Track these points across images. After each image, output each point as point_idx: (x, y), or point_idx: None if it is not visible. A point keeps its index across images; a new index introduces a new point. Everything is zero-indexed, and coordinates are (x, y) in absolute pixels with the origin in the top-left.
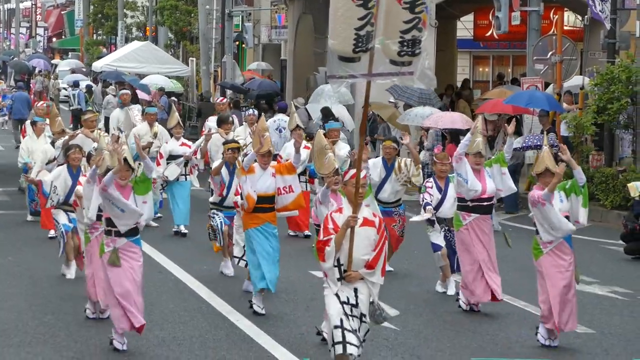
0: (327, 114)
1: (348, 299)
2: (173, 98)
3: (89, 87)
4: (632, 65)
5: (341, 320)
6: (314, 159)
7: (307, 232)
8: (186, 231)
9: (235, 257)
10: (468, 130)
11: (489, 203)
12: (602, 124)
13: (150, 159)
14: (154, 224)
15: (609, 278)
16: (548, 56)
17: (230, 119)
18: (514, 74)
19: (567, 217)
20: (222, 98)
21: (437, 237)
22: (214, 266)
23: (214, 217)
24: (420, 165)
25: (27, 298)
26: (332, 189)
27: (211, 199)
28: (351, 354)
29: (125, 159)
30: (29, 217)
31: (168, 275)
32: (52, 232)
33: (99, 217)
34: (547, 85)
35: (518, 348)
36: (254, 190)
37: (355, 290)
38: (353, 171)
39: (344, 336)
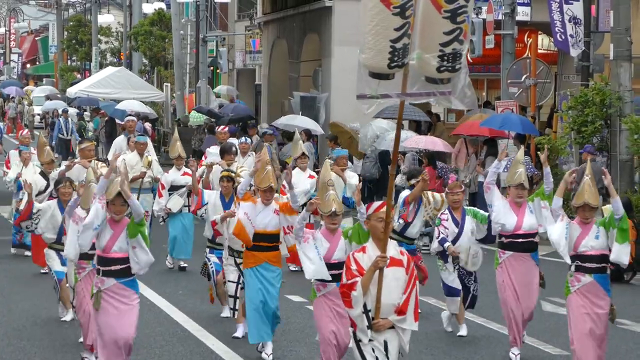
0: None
1: (377, 358)
2: (147, 123)
3: (80, 115)
4: (606, 88)
5: None
6: (319, 192)
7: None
8: (186, 265)
9: (231, 308)
10: (446, 153)
11: (525, 240)
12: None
13: (146, 190)
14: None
15: None
16: (522, 79)
17: (234, 148)
18: (489, 97)
19: (603, 255)
20: (224, 127)
21: (453, 278)
22: (189, 290)
23: (209, 261)
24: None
25: (1, 324)
26: (329, 228)
27: (205, 233)
28: None
29: (119, 193)
30: (13, 250)
31: (143, 299)
32: (44, 269)
33: (83, 256)
34: (523, 108)
35: None
36: (254, 224)
37: (385, 342)
38: (378, 203)
39: None
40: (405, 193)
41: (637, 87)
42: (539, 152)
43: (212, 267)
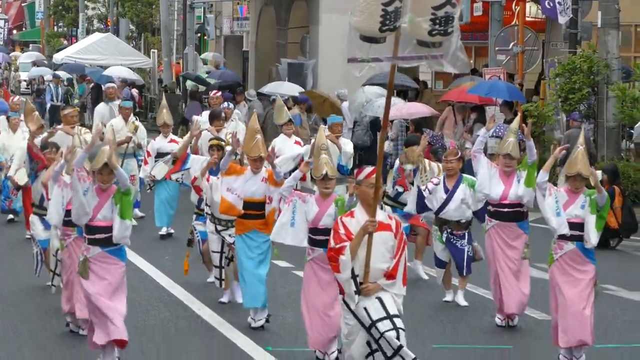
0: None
1: (372, 317)
2: (134, 90)
3: (70, 81)
4: (594, 55)
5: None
6: (311, 157)
7: None
8: (172, 231)
9: (217, 278)
10: (431, 117)
11: (511, 210)
12: (559, 112)
13: (130, 155)
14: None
15: None
16: (510, 47)
17: (223, 114)
18: (476, 65)
19: (581, 224)
20: (215, 92)
21: (440, 247)
22: (175, 255)
23: (195, 229)
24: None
25: None
26: (321, 192)
27: (191, 198)
28: None
29: (106, 163)
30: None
31: (129, 264)
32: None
33: (67, 223)
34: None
35: (479, 335)
36: (241, 194)
37: (380, 299)
38: (369, 169)
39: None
40: (397, 162)
41: (625, 55)
42: (528, 120)
43: (197, 237)
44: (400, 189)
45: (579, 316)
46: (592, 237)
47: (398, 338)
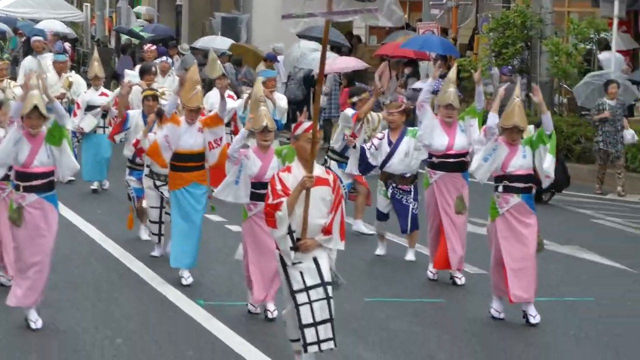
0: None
1: (306, 283)
2: (67, 44)
3: (2, 34)
4: (527, 10)
5: (309, 314)
6: (250, 110)
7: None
8: (106, 187)
9: (154, 234)
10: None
11: (457, 160)
12: (493, 66)
13: (66, 111)
14: (70, 178)
15: None
16: (444, 1)
17: (154, 69)
18: (410, 19)
19: (529, 175)
20: (150, 45)
21: (384, 202)
22: (107, 209)
23: (128, 185)
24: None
25: None
26: (260, 145)
27: (124, 152)
28: (331, 349)
29: (36, 106)
30: None
31: (60, 218)
32: None
33: (3, 177)
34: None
35: (413, 289)
36: (176, 145)
37: (315, 259)
38: (307, 124)
39: (318, 333)
40: (349, 111)
41: (558, 10)
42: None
43: (132, 193)
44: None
45: (528, 272)
46: (548, 164)
47: (327, 309)
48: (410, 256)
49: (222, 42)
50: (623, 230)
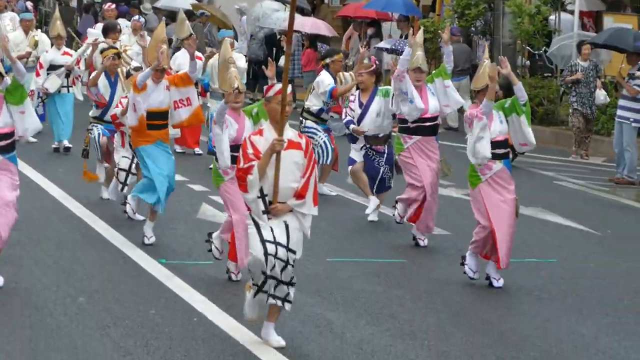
0: None
1: (275, 237)
2: (29, 2)
3: None
4: None
5: (265, 265)
6: (218, 72)
7: (197, 150)
8: (70, 145)
9: (120, 182)
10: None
11: (432, 123)
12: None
13: (31, 69)
14: (32, 139)
15: (464, 182)
16: None
17: (118, 27)
18: None
19: (506, 140)
20: (110, 4)
21: (356, 152)
22: (69, 168)
23: (92, 129)
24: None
25: None
26: (232, 107)
27: (91, 113)
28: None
29: None
30: None
31: (21, 176)
32: None
33: None
34: None
35: (374, 249)
36: (146, 106)
37: (286, 224)
38: (278, 86)
39: (269, 285)
40: (324, 76)
41: None
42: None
43: (97, 130)
44: (335, 116)
45: (512, 238)
46: (529, 137)
47: (286, 273)
48: (373, 217)
49: (184, 2)
50: (586, 192)
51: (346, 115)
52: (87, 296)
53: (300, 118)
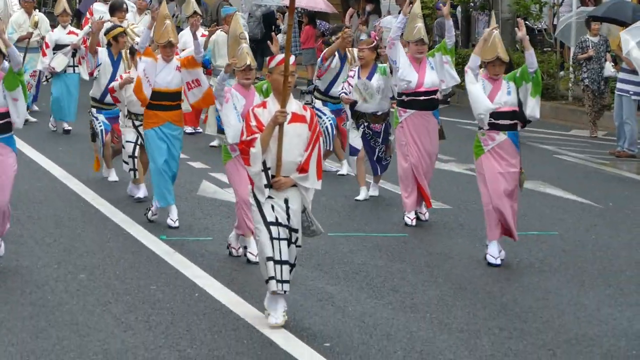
0: None
1: (277, 218)
2: None
3: None
4: None
5: (272, 250)
6: (228, 48)
7: (197, 129)
8: (70, 128)
9: (125, 162)
10: (328, 13)
11: (427, 97)
12: (457, 4)
13: (34, 50)
14: (32, 119)
15: (465, 156)
16: None
17: (125, 5)
18: None
19: (515, 112)
20: None
21: (356, 136)
22: (69, 147)
23: (94, 123)
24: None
25: None
26: (242, 83)
27: (91, 93)
28: (285, 292)
29: None
30: None
31: (21, 155)
32: None
33: None
34: None
35: (374, 224)
36: (152, 82)
37: (286, 201)
38: (280, 56)
39: (276, 271)
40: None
41: None
42: (443, 5)
43: (100, 126)
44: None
45: (511, 211)
46: (529, 108)
47: (288, 252)
48: (373, 191)
49: None
50: (587, 165)
51: (343, 89)
52: (87, 273)
53: (311, 96)
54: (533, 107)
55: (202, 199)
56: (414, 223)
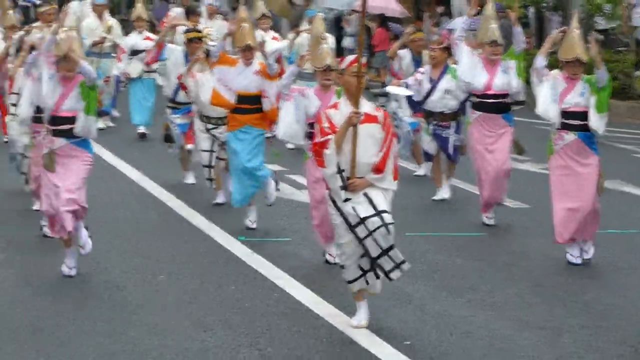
0: None
1: (361, 215)
2: None
3: None
4: None
5: (378, 245)
6: (309, 48)
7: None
8: (146, 132)
9: (207, 178)
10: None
11: (495, 101)
12: (528, 5)
13: (107, 55)
14: (111, 124)
15: (541, 156)
16: None
17: (199, 10)
18: None
19: (583, 113)
20: None
21: (429, 141)
22: (143, 151)
23: (171, 122)
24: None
25: None
26: (322, 84)
27: (164, 92)
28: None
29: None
30: None
31: (98, 160)
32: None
33: (37, 120)
34: None
35: (451, 224)
36: (229, 86)
37: (366, 194)
38: (352, 57)
39: (393, 259)
40: (401, 52)
41: None
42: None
43: (175, 129)
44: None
45: (580, 214)
46: (594, 121)
47: (388, 235)
48: (445, 193)
49: None
50: None
51: (408, 82)
52: (165, 274)
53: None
54: (597, 123)
55: (280, 200)
56: (492, 222)
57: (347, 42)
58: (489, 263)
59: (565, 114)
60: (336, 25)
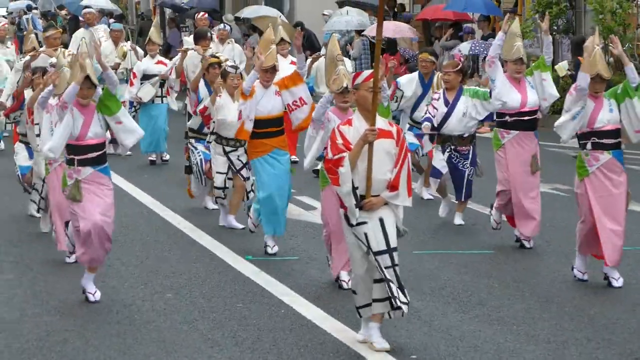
0: None
1: (370, 246)
2: (112, 19)
3: (53, 16)
4: None
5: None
6: (325, 71)
7: (293, 157)
8: (155, 159)
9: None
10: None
11: (531, 117)
12: (537, 28)
13: (122, 81)
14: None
15: (551, 176)
16: None
17: (209, 34)
18: None
19: (618, 130)
20: (202, 13)
21: (440, 160)
22: (154, 175)
23: (193, 152)
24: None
25: None
26: (340, 107)
27: (189, 124)
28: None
29: (87, 76)
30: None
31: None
32: None
33: None
34: None
35: (459, 242)
36: (252, 116)
37: (381, 221)
38: (367, 73)
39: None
40: (401, 79)
41: None
42: (541, 21)
43: (199, 156)
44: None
45: (621, 234)
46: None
47: (396, 275)
48: (458, 220)
49: (267, 12)
50: None
51: (427, 113)
52: (174, 292)
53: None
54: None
55: (288, 220)
56: (497, 227)
57: (349, 65)
58: (497, 279)
59: (599, 133)
60: (342, 49)
